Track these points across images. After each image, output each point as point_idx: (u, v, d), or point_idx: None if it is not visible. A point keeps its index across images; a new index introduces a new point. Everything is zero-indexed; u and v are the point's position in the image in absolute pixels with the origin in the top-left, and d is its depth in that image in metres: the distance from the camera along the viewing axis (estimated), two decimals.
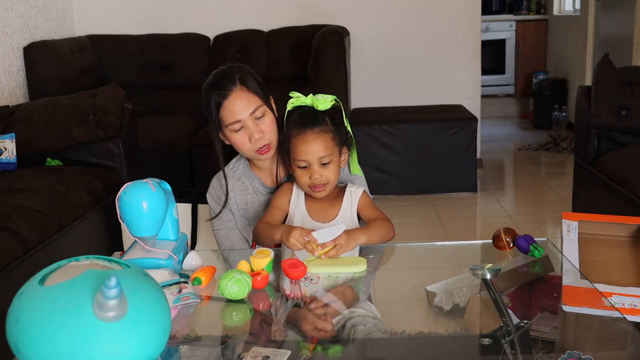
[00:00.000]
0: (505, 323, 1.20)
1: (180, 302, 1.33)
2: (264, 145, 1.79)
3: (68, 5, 4.38)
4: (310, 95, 1.71)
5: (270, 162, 1.88)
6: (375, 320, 1.33)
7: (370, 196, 1.78)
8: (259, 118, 1.78)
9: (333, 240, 1.53)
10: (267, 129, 1.79)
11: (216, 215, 1.89)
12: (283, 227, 1.62)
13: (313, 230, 1.54)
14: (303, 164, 1.67)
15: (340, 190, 1.76)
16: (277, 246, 1.71)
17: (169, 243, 1.50)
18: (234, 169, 1.91)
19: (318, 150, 1.65)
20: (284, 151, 1.73)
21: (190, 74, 4.37)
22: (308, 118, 1.67)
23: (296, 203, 1.75)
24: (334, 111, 1.70)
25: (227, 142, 1.84)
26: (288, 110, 1.73)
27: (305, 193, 1.75)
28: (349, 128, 1.74)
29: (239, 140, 1.79)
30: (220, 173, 1.92)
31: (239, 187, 1.90)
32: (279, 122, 1.81)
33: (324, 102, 1.68)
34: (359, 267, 1.51)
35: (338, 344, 1.25)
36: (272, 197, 1.81)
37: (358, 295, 1.47)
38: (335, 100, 1.71)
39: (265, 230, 1.67)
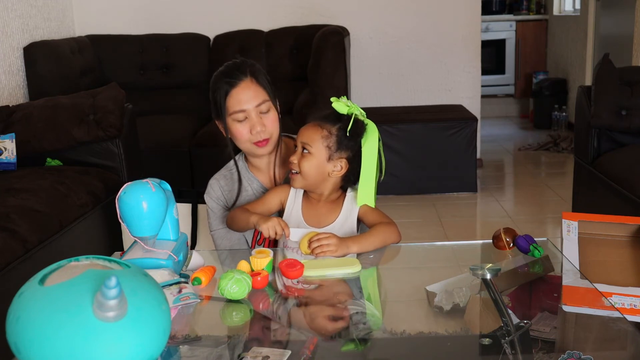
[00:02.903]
0: (505, 323, 1.20)
1: (180, 302, 1.33)
2: (263, 140, 1.79)
3: (68, 5, 4.38)
4: (344, 97, 1.72)
5: (268, 163, 1.88)
6: (374, 319, 1.33)
7: None
8: (263, 112, 1.78)
9: (319, 240, 1.53)
10: (269, 124, 1.79)
11: (236, 200, 1.89)
12: (261, 215, 1.64)
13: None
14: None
15: (340, 195, 1.73)
16: (274, 245, 1.70)
17: (169, 243, 1.49)
18: (233, 170, 1.91)
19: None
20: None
21: (190, 74, 4.37)
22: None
23: (292, 206, 1.73)
24: (336, 114, 1.69)
25: (224, 135, 1.84)
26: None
27: (302, 197, 1.73)
28: (382, 154, 1.70)
29: (240, 131, 1.79)
30: (218, 175, 1.92)
31: (238, 188, 1.89)
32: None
33: (338, 103, 1.68)
34: (354, 268, 1.50)
35: (353, 342, 1.25)
36: (265, 193, 1.80)
37: (356, 294, 1.47)
38: (353, 113, 1.70)
39: (242, 215, 1.67)
